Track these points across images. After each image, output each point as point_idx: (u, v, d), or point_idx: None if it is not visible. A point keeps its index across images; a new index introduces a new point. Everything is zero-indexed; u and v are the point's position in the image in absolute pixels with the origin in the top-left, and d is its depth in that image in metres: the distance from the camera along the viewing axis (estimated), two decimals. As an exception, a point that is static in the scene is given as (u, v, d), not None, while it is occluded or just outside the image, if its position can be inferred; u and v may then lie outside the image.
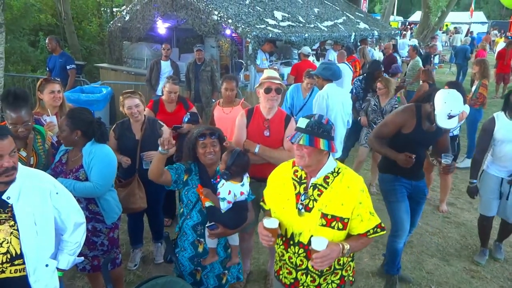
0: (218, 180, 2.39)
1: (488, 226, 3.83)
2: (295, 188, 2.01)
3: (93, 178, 2.64)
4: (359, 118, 5.30)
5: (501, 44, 12.93)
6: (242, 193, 2.38)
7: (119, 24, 9.08)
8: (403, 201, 3.14)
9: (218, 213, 2.36)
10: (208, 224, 2.37)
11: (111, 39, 9.46)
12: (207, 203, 2.37)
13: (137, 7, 8.58)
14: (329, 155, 1.97)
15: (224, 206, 2.33)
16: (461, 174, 5.99)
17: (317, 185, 1.95)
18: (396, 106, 4.93)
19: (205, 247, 2.45)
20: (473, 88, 6.16)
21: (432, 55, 12.12)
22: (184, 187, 2.46)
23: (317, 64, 7.93)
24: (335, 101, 4.33)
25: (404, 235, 3.16)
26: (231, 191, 2.34)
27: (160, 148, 2.34)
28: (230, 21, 7.07)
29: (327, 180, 1.95)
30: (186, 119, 3.98)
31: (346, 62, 7.44)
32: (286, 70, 8.00)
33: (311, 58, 8.20)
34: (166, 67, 6.65)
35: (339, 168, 1.98)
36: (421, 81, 7.09)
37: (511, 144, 3.42)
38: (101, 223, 2.79)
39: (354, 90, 6.09)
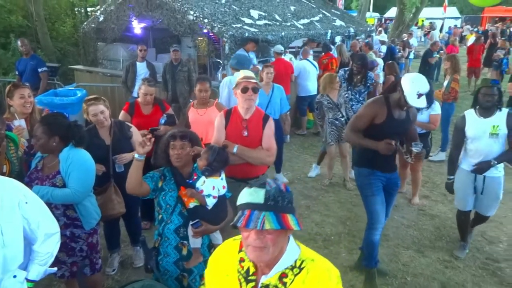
0: (195, 178, 2.41)
1: (466, 220, 3.91)
2: (240, 286, 1.46)
3: (71, 184, 2.61)
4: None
5: (471, 39, 13.29)
6: (224, 187, 2.45)
7: (93, 25, 8.93)
8: (379, 194, 3.23)
9: (202, 211, 2.38)
10: (192, 222, 2.38)
11: (85, 40, 9.30)
12: (191, 204, 2.39)
13: (111, 8, 8.46)
14: (289, 238, 1.44)
15: (210, 202, 2.37)
16: (435, 167, 6.16)
17: (270, 287, 1.42)
18: (346, 96, 5.07)
19: (189, 249, 2.46)
20: (445, 83, 6.32)
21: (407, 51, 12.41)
22: (160, 193, 2.47)
23: (296, 62, 8.02)
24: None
25: (380, 227, 3.25)
26: (215, 186, 2.39)
27: (136, 155, 2.35)
28: (206, 20, 7.06)
29: (284, 280, 1.40)
30: (162, 121, 3.96)
31: (308, 59, 7.54)
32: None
33: (289, 56, 8.26)
34: (142, 69, 6.58)
35: (302, 261, 1.43)
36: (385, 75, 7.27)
37: (481, 141, 3.51)
38: (79, 229, 2.76)
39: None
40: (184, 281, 2.49)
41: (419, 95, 2.88)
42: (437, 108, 4.75)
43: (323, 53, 8.61)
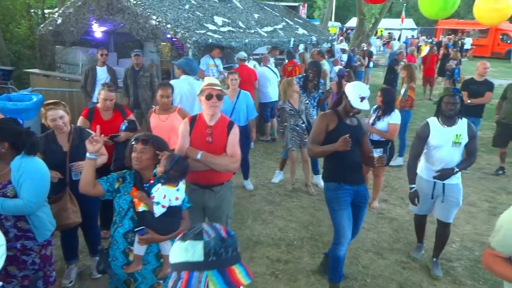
0: (152, 182, 2.38)
1: (423, 222, 3.99)
2: None
3: (23, 195, 2.49)
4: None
5: (426, 50, 13.96)
6: (177, 198, 2.40)
7: (51, 27, 8.61)
8: (346, 209, 3.24)
9: (150, 218, 2.34)
10: (136, 229, 2.34)
11: (42, 43, 8.95)
12: (141, 208, 2.34)
13: (70, 10, 8.20)
14: None
15: (158, 210, 2.33)
16: (393, 172, 6.38)
17: None
18: (307, 102, 5.19)
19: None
20: (402, 91, 6.59)
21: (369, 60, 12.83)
22: (116, 195, 2.43)
23: (259, 69, 8.10)
24: (184, 91, 4.69)
25: (346, 243, 3.24)
26: (166, 195, 2.34)
27: (88, 154, 2.30)
28: (169, 26, 6.99)
29: None
30: (123, 127, 3.87)
31: (269, 65, 7.65)
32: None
33: (253, 63, 8.34)
34: (102, 73, 6.42)
35: None
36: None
37: (443, 149, 3.51)
38: (31, 241, 2.64)
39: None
40: (131, 286, 2.47)
41: (362, 98, 3.09)
42: (396, 117, 4.86)
43: (287, 61, 8.76)
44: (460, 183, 3.65)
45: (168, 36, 7.32)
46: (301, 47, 10.93)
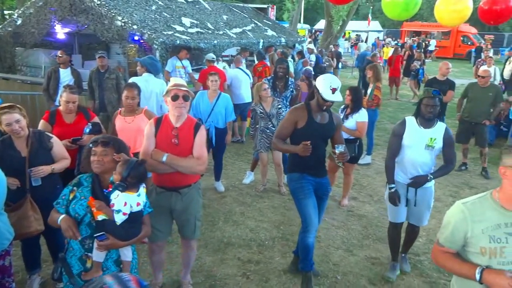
0: (110, 189, 2.30)
1: (398, 234, 3.74)
2: None
3: None
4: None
5: (390, 52, 14.35)
6: (138, 204, 2.34)
7: (10, 28, 8.27)
8: (310, 197, 3.29)
9: (111, 226, 2.27)
10: (96, 234, 2.26)
11: (1, 44, 8.57)
12: (100, 217, 2.27)
13: (30, 10, 7.91)
14: None
15: (119, 218, 2.26)
16: (362, 170, 6.50)
17: None
18: (280, 107, 5.23)
19: (93, 262, 2.34)
20: (369, 90, 6.73)
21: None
22: (71, 202, 2.34)
23: (229, 70, 8.08)
24: (145, 88, 4.73)
25: (313, 230, 3.28)
26: (127, 202, 2.27)
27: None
28: (135, 27, 6.87)
29: None
30: (87, 130, 3.75)
31: (241, 67, 7.67)
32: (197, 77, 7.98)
33: (223, 65, 8.31)
34: (65, 75, 6.20)
35: None
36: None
37: (415, 151, 3.39)
38: (-13, 252, 2.51)
39: None
40: None
41: (333, 90, 3.08)
42: (363, 115, 4.96)
43: (257, 61, 8.78)
44: (432, 186, 3.55)
45: (135, 38, 7.18)
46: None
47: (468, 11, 4.96)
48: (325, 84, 3.09)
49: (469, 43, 27.37)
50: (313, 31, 32.89)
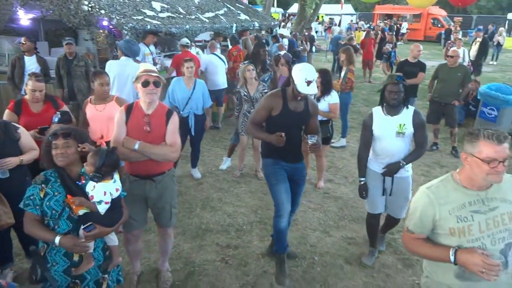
0: (84, 181, 2.25)
1: (376, 224, 3.73)
2: None
3: None
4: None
5: (362, 36, 14.46)
6: (117, 190, 2.33)
7: (-31, 15, 7.83)
8: (283, 182, 3.30)
9: (95, 217, 2.24)
10: (84, 226, 2.21)
11: (-40, 32, 8.13)
12: (81, 211, 2.22)
13: (-11, -4, 7.50)
14: None
15: (102, 208, 2.24)
16: (337, 153, 6.59)
17: None
18: (266, 91, 5.21)
19: (80, 255, 2.30)
20: (342, 74, 6.78)
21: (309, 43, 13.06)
22: (43, 200, 2.25)
23: (203, 55, 7.95)
24: (122, 72, 4.92)
25: (285, 214, 3.28)
26: (106, 191, 2.25)
27: None
28: (103, 12, 6.62)
29: None
30: (56, 119, 3.63)
31: (216, 53, 7.57)
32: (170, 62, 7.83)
33: (195, 50, 8.17)
34: (31, 63, 5.97)
35: None
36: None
37: (388, 140, 3.35)
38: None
39: (240, 74, 6.30)
40: None
41: (308, 82, 3.04)
42: (335, 97, 5.05)
43: (231, 46, 8.67)
44: (410, 176, 3.49)
45: (104, 23, 6.93)
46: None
47: (437, -7, 5.01)
48: (301, 77, 3.05)
49: (439, 25, 27.88)
50: (287, 15, 32.72)
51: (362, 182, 3.50)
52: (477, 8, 35.80)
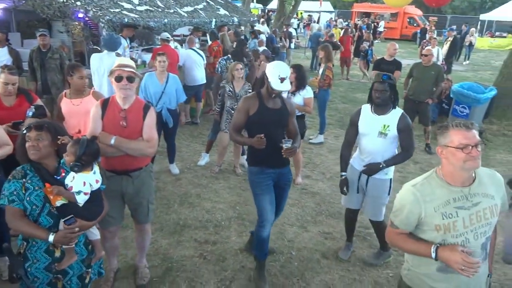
0: (63, 175, 2.22)
1: (353, 218, 3.78)
2: None
3: None
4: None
5: (341, 32, 14.59)
6: (97, 181, 2.31)
7: None
8: (268, 193, 3.24)
9: (74, 208, 2.21)
10: (64, 219, 2.18)
11: None
12: (58, 202, 2.18)
13: (-42, -16, 7.21)
14: None
15: (81, 199, 2.22)
16: (315, 149, 6.67)
17: None
18: (250, 90, 5.21)
19: (62, 250, 2.27)
20: (320, 70, 6.85)
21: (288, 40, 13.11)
22: (24, 195, 2.20)
23: (181, 50, 7.88)
24: (100, 65, 5.14)
25: (268, 225, 3.27)
26: (86, 181, 2.23)
27: None
28: (78, 3, 6.47)
29: None
30: (30, 113, 3.53)
31: (194, 48, 7.52)
32: (148, 57, 7.73)
33: (174, 45, 8.08)
34: (2, 55, 5.80)
35: None
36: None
37: (370, 138, 3.35)
38: None
39: (219, 69, 6.27)
40: (59, 284, 2.31)
41: (282, 79, 3.01)
42: (310, 92, 5.13)
43: (211, 41, 8.62)
44: (388, 179, 3.43)
45: (80, 15, 6.77)
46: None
47: (413, -7, 5.13)
48: (274, 73, 3.03)
49: (415, 24, 28.45)
50: (266, 11, 32.72)
51: (342, 177, 3.54)
52: (451, 8, 36.75)
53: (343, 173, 3.54)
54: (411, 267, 2.17)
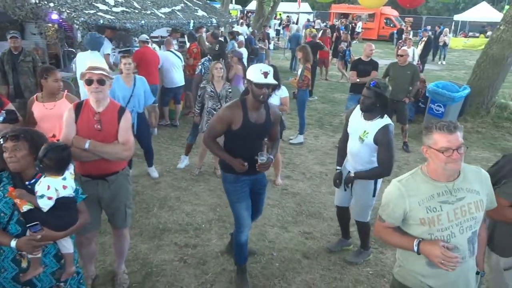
0: (34, 180, 2.15)
1: (342, 216, 3.83)
2: None
3: None
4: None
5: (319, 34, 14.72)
6: (65, 187, 2.21)
7: None
8: (244, 200, 3.19)
9: (39, 215, 2.13)
10: (29, 224, 2.11)
11: None
12: (25, 207, 2.11)
13: None
14: None
15: (44, 204, 2.12)
16: (295, 149, 6.70)
17: None
18: (230, 90, 5.19)
19: (29, 261, 2.19)
20: (299, 71, 6.89)
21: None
22: None
23: (159, 51, 7.78)
24: (85, 64, 4.82)
25: (246, 230, 3.24)
26: (51, 185, 2.15)
27: None
28: (52, 4, 6.32)
29: None
30: (1, 119, 3.42)
31: (172, 50, 7.46)
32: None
33: (152, 46, 7.98)
34: (-29, 59, 5.59)
35: None
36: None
37: (352, 138, 3.40)
38: None
39: (203, 70, 6.23)
40: None
41: (265, 73, 2.86)
42: (285, 91, 5.13)
43: (189, 43, 8.56)
44: (373, 182, 3.40)
45: (54, 17, 6.61)
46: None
47: (387, -6, 5.20)
48: (255, 71, 2.88)
49: (391, 25, 28.98)
50: (245, 12, 32.75)
51: (337, 171, 3.60)
52: (426, 9, 37.61)
53: (338, 168, 3.60)
54: (402, 263, 2.22)
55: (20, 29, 7.67)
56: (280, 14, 30.39)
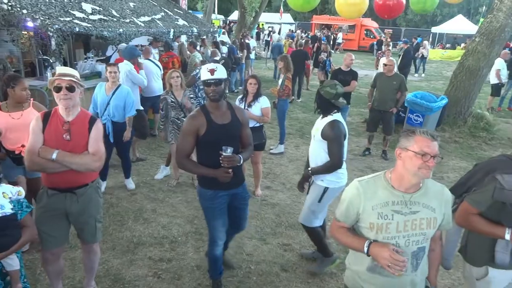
0: None
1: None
2: None
3: None
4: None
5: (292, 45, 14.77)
6: None
7: None
8: (221, 217, 3.07)
9: None
10: None
11: None
12: None
13: None
14: None
15: None
16: (276, 159, 6.64)
17: None
18: (192, 96, 5.12)
19: None
20: (280, 81, 6.87)
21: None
22: None
23: (139, 60, 7.66)
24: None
25: (221, 244, 3.15)
26: None
27: None
28: (24, 11, 6.14)
29: None
30: None
31: (150, 58, 7.36)
32: (103, 68, 7.46)
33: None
34: None
35: None
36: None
37: (312, 140, 3.52)
38: None
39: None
40: None
41: (211, 71, 2.79)
42: (266, 102, 5.03)
43: (164, 52, 8.47)
44: (323, 187, 3.43)
45: (29, 24, 6.42)
46: (183, 38, 10.71)
47: (365, 5, 5.28)
48: (203, 71, 2.83)
49: (371, 36, 29.51)
50: (228, 22, 32.87)
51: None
52: (405, 21, 38.51)
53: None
54: (349, 265, 2.23)
55: (-9, 36, 7.45)
56: (262, 24, 30.63)
